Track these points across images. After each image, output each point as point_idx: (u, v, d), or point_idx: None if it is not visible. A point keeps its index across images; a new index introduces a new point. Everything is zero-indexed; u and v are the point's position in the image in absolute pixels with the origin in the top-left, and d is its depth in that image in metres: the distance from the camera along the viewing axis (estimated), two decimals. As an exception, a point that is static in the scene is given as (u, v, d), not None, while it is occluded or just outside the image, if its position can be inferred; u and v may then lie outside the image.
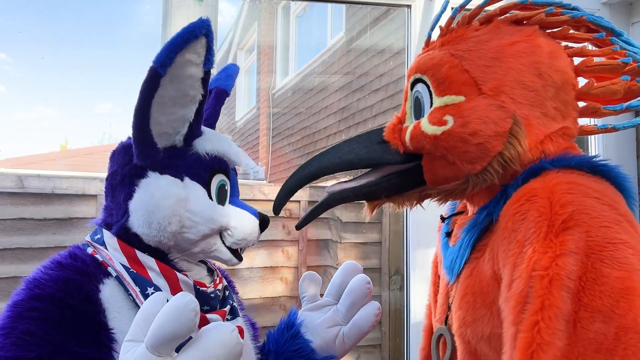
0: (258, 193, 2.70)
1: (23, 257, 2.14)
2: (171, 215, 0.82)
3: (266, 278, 2.67)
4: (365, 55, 4.39)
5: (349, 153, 0.86)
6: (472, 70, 0.79)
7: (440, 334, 0.90)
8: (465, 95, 0.79)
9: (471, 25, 0.86)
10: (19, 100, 4.81)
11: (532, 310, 0.64)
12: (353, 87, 4.55)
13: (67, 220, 2.25)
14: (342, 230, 2.87)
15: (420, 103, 0.85)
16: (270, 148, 5.86)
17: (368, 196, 0.89)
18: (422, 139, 0.81)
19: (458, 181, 0.81)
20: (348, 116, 4.55)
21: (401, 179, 0.86)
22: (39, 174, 2.26)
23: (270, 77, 6.17)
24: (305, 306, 1.04)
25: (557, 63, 0.81)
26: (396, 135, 0.86)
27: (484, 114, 0.77)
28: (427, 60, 0.84)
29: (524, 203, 0.71)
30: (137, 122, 0.81)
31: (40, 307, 0.76)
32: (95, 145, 5.38)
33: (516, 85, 0.78)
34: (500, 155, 0.77)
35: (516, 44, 0.81)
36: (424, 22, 1.81)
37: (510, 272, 0.69)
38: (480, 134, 0.76)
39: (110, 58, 4.70)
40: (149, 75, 0.78)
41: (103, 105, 5.83)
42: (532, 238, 0.67)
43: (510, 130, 0.76)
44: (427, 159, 0.82)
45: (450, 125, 0.78)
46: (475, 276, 0.79)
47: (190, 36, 0.77)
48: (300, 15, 5.95)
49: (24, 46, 3.93)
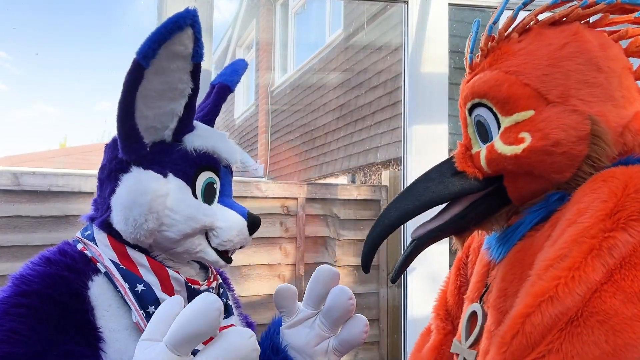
0: (255, 190, 2.69)
1: (19, 255, 2.13)
2: (147, 212, 0.79)
3: (264, 275, 2.66)
4: (363, 52, 4.38)
5: (425, 193, 0.83)
6: (533, 83, 0.78)
7: (473, 311, 0.88)
8: (534, 109, 0.77)
9: (511, 38, 0.84)
10: (19, 98, 4.80)
11: (560, 267, 0.64)
12: (351, 84, 4.54)
13: (63, 218, 2.24)
14: (340, 227, 2.86)
15: (485, 127, 0.83)
16: (269, 145, 5.85)
17: (457, 230, 0.87)
18: (502, 161, 0.79)
19: (547, 193, 0.79)
20: (346, 113, 4.54)
21: (486, 205, 0.84)
22: (35, 171, 2.25)
23: (268, 74, 6.16)
24: (286, 322, 0.98)
25: (611, 52, 0.81)
26: (469, 163, 0.84)
27: (561, 122, 0.75)
28: (481, 84, 0.82)
29: (599, 182, 0.71)
30: (121, 115, 0.79)
31: (26, 303, 0.74)
32: (95, 143, 5.37)
33: (581, 85, 0.77)
34: (588, 158, 0.76)
35: (566, 46, 0.79)
36: (421, 18, 1.80)
37: (559, 233, 0.68)
38: (563, 143, 0.75)
39: (108, 56, 4.69)
40: (131, 67, 0.75)
41: (103, 103, 5.81)
42: (593, 210, 0.67)
43: (591, 130, 0.75)
44: (509, 178, 0.81)
45: (529, 141, 0.76)
46: (528, 249, 0.77)
47: (174, 27, 0.74)
48: (298, 12, 5.94)
49: (24, 44, 3.92)
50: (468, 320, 0.89)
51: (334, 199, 2.89)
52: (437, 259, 1.79)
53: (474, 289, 0.91)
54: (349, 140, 4.46)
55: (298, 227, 2.77)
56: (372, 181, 4.15)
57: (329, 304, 0.94)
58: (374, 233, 0.86)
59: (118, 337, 0.78)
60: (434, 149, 1.79)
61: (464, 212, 0.85)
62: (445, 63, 1.82)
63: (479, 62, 0.86)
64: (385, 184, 2.97)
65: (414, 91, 1.80)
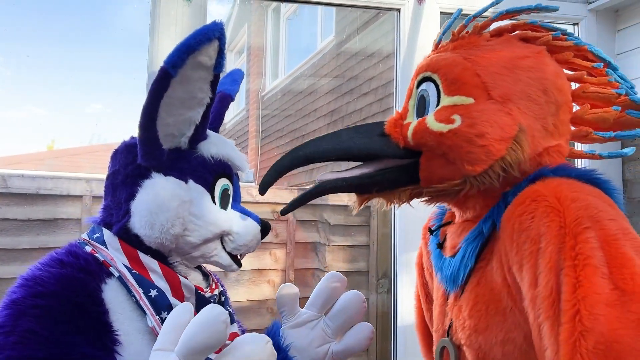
0: (246, 195, 2.68)
1: (6, 259, 2.11)
2: (175, 218, 0.81)
3: (253, 281, 2.65)
4: (354, 59, 4.40)
5: (347, 141, 0.86)
6: (484, 75, 0.82)
7: (443, 346, 0.90)
8: (475, 98, 0.81)
9: (482, 35, 0.89)
10: (8, 100, 4.76)
11: (573, 301, 0.64)
12: (342, 90, 4.55)
13: (51, 221, 2.22)
14: (330, 233, 2.86)
15: (426, 101, 0.86)
16: (259, 150, 5.84)
17: (360, 188, 0.89)
18: (426, 135, 0.82)
19: (453, 181, 0.81)
20: (337, 119, 4.55)
21: (396, 174, 0.86)
22: (23, 174, 2.23)
23: (259, 79, 6.16)
24: (287, 322, 0.99)
25: (561, 83, 0.85)
26: (397, 129, 0.87)
27: (492, 118, 0.79)
28: (439, 60, 0.85)
29: (530, 203, 0.72)
30: (145, 121, 0.80)
31: (43, 304, 0.73)
32: (84, 145, 5.34)
33: (523, 96, 0.81)
34: (502, 160, 0.78)
35: (526, 58, 0.84)
36: (413, 26, 1.81)
37: (532, 271, 0.69)
38: (486, 136, 0.78)
39: (99, 58, 4.66)
40: (159, 75, 0.77)
41: (93, 105, 5.78)
42: (547, 233, 0.68)
43: (515, 137, 0.78)
44: (426, 156, 0.83)
45: (458, 124, 0.79)
46: (484, 285, 0.80)
47: (203, 39, 0.76)
48: (290, 18, 5.95)
49: (15, 46, 3.89)
50: (440, 354, 0.91)
51: (324, 205, 2.89)
52: (427, 266, 1.79)
53: (439, 322, 0.93)
54: (340, 146, 4.46)
55: (288, 232, 2.77)
56: (362, 187, 4.15)
57: (340, 306, 0.96)
58: (284, 160, 0.85)
59: (132, 340, 0.79)
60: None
61: (374, 173, 0.86)
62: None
63: (446, 44, 0.91)
64: (375, 190, 2.98)
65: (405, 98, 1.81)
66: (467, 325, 0.82)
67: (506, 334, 0.76)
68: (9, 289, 0.78)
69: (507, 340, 0.76)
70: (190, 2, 1.60)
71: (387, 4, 1.82)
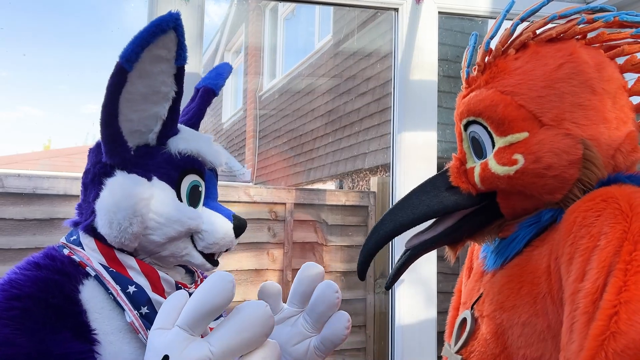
0: (243, 195, 2.68)
1: (2, 259, 2.10)
2: (132, 216, 0.78)
3: (251, 281, 2.65)
4: (352, 59, 4.40)
5: (420, 206, 0.85)
6: (528, 105, 0.79)
7: (463, 318, 0.89)
8: (528, 131, 0.79)
9: (508, 54, 0.85)
10: (4, 100, 4.74)
11: (614, 302, 0.63)
12: (340, 90, 4.55)
13: (48, 221, 2.21)
14: (328, 233, 2.86)
15: (480, 143, 0.84)
16: (257, 150, 5.84)
17: (450, 241, 0.88)
18: (495, 180, 0.80)
19: (537, 209, 0.81)
20: (335, 119, 4.55)
21: (479, 218, 0.86)
22: (20, 173, 2.22)
23: (257, 79, 6.15)
24: None
25: (606, 73, 0.81)
26: (464, 179, 0.85)
27: (553, 146, 0.77)
28: (477, 103, 0.83)
29: (600, 202, 0.71)
30: (104, 118, 0.78)
31: (20, 306, 0.73)
32: (80, 145, 5.32)
33: (575, 108, 0.78)
34: (579, 181, 0.77)
35: (562, 67, 0.80)
36: (411, 25, 1.81)
37: (582, 265, 0.68)
38: (555, 166, 0.77)
39: (96, 58, 4.65)
40: (114, 71, 0.75)
41: (89, 106, 5.76)
42: (609, 233, 0.67)
43: (583, 155, 0.77)
44: (502, 196, 0.82)
45: (522, 163, 0.78)
46: (526, 265, 0.79)
47: (157, 30, 0.74)
48: (288, 18, 5.94)
49: (11, 45, 3.88)
50: (460, 326, 0.90)
51: (322, 205, 2.89)
52: (424, 266, 1.79)
53: (468, 296, 0.92)
54: (337, 146, 4.47)
55: (286, 232, 2.76)
56: (359, 187, 4.15)
57: (314, 299, 0.93)
58: (369, 243, 0.87)
59: (112, 339, 0.78)
60: (423, 156, 1.80)
61: (457, 224, 0.86)
62: (435, 71, 1.83)
63: (476, 77, 0.86)
64: (373, 190, 2.98)
65: (403, 98, 1.81)
66: (495, 300, 0.81)
67: (530, 317, 0.75)
68: None
69: (529, 323, 0.75)
70: (187, 2, 1.59)
71: (385, 4, 1.82)
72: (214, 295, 0.67)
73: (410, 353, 1.78)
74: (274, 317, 0.95)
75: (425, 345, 1.79)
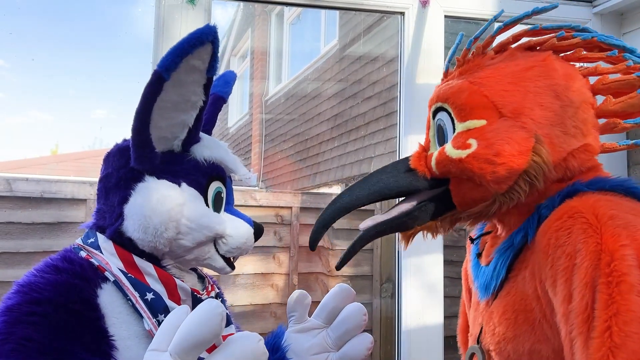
0: (250, 199, 2.69)
1: (10, 262, 2.11)
2: (168, 221, 0.80)
3: (257, 285, 2.65)
4: (358, 63, 4.40)
5: (377, 183, 0.88)
6: (492, 95, 0.83)
7: (472, 353, 0.91)
8: (487, 119, 0.82)
9: (486, 54, 0.90)
10: (13, 105, 4.78)
11: (604, 317, 0.64)
12: (346, 95, 4.55)
13: (55, 225, 2.22)
14: (334, 237, 2.86)
15: (443, 130, 0.88)
16: (263, 154, 5.84)
17: (402, 227, 0.90)
18: (448, 163, 0.83)
19: (486, 202, 0.83)
20: (341, 123, 4.55)
21: (432, 206, 0.88)
22: (28, 177, 2.24)
23: (263, 84, 6.17)
24: (292, 327, 0.99)
25: (573, 84, 0.84)
26: (422, 162, 0.88)
27: (506, 135, 0.80)
28: (447, 89, 0.87)
29: (567, 219, 0.73)
30: (137, 125, 0.80)
31: (39, 311, 0.73)
32: (87, 150, 5.35)
33: (535, 106, 0.81)
34: (526, 173, 0.79)
35: (532, 69, 0.84)
36: (417, 29, 1.81)
37: (566, 286, 0.69)
38: (504, 154, 0.79)
39: (104, 63, 4.68)
40: (152, 79, 0.77)
41: (99, 111, 5.81)
42: (583, 249, 0.68)
43: (533, 148, 0.79)
44: (454, 182, 0.85)
45: (474, 147, 0.81)
46: (515, 294, 0.81)
47: (196, 42, 0.76)
48: (293, 22, 5.96)
49: (20, 50, 3.91)
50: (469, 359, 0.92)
51: (328, 209, 2.88)
52: (431, 270, 1.79)
53: (472, 326, 0.95)
54: (343, 150, 4.47)
55: (292, 236, 2.76)
56: (365, 191, 4.14)
57: (342, 316, 0.96)
58: (325, 214, 0.89)
59: (129, 344, 0.78)
60: (429, 160, 1.80)
61: (411, 210, 0.88)
62: (441, 75, 1.83)
63: (453, 70, 0.92)
64: (379, 194, 2.97)
65: (409, 102, 1.81)
66: (496, 332, 0.83)
67: (533, 344, 0.76)
68: (4, 295, 0.78)
69: (534, 351, 0.76)
70: (194, 7, 1.61)
71: (391, 8, 1.82)
72: (202, 330, 0.65)
73: (416, 358, 1.77)
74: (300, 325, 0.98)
75: (432, 350, 1.78)
